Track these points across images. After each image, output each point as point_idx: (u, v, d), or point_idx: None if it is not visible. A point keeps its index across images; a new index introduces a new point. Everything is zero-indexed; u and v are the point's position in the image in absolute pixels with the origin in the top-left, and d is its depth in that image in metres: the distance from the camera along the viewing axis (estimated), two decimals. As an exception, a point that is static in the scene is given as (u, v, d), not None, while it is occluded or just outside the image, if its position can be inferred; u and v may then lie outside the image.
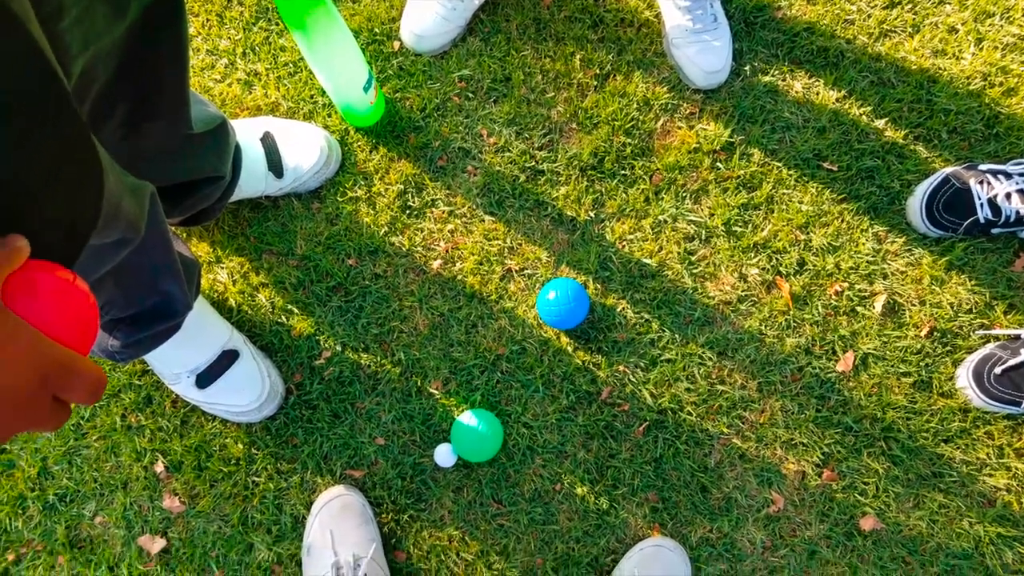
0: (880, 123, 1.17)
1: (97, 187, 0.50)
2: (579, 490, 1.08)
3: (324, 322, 1.14)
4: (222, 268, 1.16)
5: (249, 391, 1.06)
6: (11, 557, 1.10)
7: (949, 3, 1.20)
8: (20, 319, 0.39)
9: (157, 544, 1.08)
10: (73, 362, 0.42)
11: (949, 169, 1.12)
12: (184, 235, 1.16)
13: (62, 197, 0.47)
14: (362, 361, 1.12)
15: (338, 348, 1.13)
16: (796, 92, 1.19)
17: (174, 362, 1.04)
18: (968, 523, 1.05)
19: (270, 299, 1.15)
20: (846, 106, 1.18)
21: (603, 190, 1.16)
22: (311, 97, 1.21)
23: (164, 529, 1.09)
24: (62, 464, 1.12)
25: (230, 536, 1.08)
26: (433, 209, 1.17)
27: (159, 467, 1.10)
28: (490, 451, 1.06)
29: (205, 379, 1.05)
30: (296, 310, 1.14)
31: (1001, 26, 1.19)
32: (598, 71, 1.20)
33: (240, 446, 1.10)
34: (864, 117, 1.17)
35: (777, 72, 1.19)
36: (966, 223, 1.09)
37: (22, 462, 1.12)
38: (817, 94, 1.19)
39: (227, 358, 1.06)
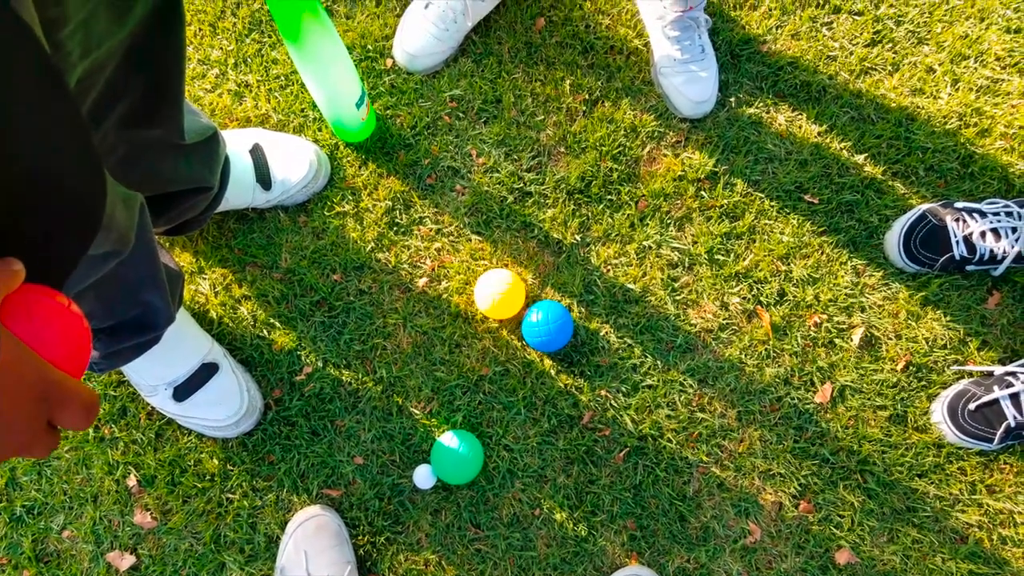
0: (860, 158, 1.20)
1: (100, 196, 0.49)
2: (558, 516, 1.08)
3: (306, 337, 1.13)
4: (204, 279, 1.14)
5: (227, 405, 1.04)
6: (-29, 571, 1.06)
7: (927, 43, 1.24)
8: (19, 341, 0.39)
9: (126, 561, 1.06)
10: (69, 385, 0.41)
11: (926, 206, 1.15)
12: (167, 244, 1.14)
13: (64, 206, 0.46)
14: (343, 378, 1.11)
15: (319, 364, 1.12)
16: (779, 125, 1.21)
17: (151, 374, 1.03)
18: (941, 559, 1.06)
19: (252, 312, 1.13)
20: (827, 140, 1.20)
21: (589, 214, 1.17)
22: (301, 110, 1.21)
23: (134, 545, 1.07)
24: (31, 475, 1.09)
25: (202, 554, 1.06)
26: (420, 227, 1.17)
27: (131, 481, 1.08)
28: (470, 473, 1.05)
29: (183, 392, 1.03)
30: (278, 324, 1.13)
31: (975, 68, 1.22)
32: (587, 96, 1.22)
33: (215, 462, 1.08)
34: (845, 152, 1.20)
35: (761, 104, 1.22)
36: (942, 259, 1.11)
37: (-13, 472, 1.09)
38: (800, 127, 1.21)
39: (206, 371, 1.04)
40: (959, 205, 1.13)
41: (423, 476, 1.06)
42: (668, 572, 1.06)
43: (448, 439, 1.05)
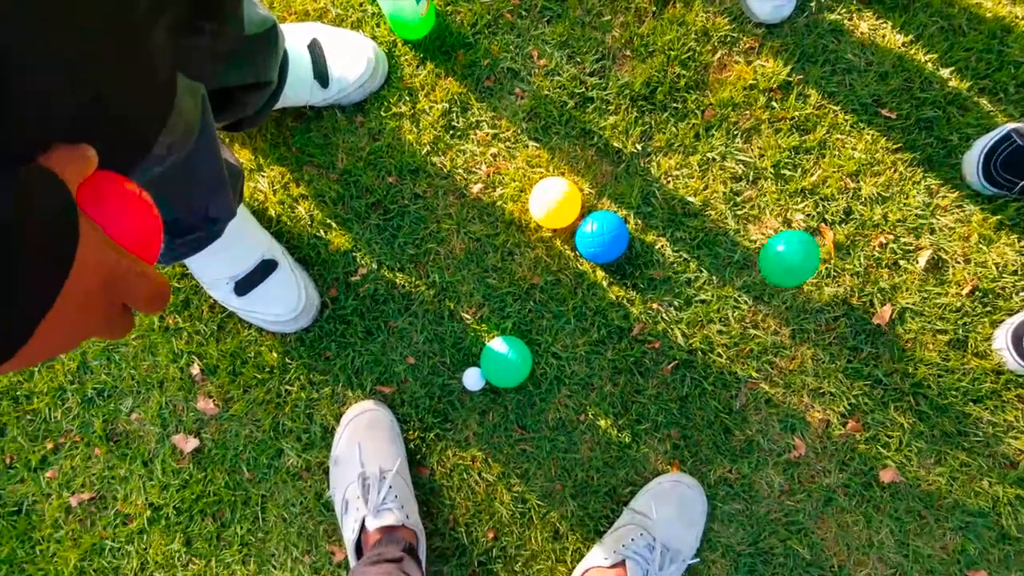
0: (946, 72, 1.12)
1: (164, 86, 0.49)
2: (602, 422, 1.10)
3: (361, 239, 1.13)
4: (263, 177, 1.15)
5: (286, 301, 1.06)
6: (50, 446, 1.13)
7: (1035, -53, 1.14)
8: (95, 224, 0.39)
9: (190, 443, 1.12)
10: (139, 268, 0.42)
11: (1012, 125, 1.08)
12: (227, 140, 1.15)
13: (129, 94, 0.46)
14: (397, 280, 1.13)
15: (374, 266, 1.13)
16: (861, 33, 1.14)
17: (213, 269, 1.05)
18: (988, 483, 1.06)
19: (309, 212, 1.14)
20: (912, 51, 1.13)
21: (652, 122, 1.13)
22: (360, 5, 1.17)
23: (198, 429, 1.13)
24: (101, 360, 1.14)
25: (261, 440, 1.11)
26: (477, 131, 1.15)
27: (195, 369, 1.13)
28: (518, 378, 1.07)
29: (243, 287, 1.06)
30: (335, 225, 1.14)
31: (1087, -25, 1.12)
32: (657, -3, 1.15)
33: (274, 355, 1.12)
34: (930, 64, 1.13)
35: (844, 11, 1.14)
36: (1022, 183, 1.06)
37: (63, 354, 1.14)
38: (883, 37, 1.13)
39: (265, 268, 1.06)
40: (1049, 125, 1.06)
41: (473, 378, 1.09)
42: (710, 481, 1.08)
43: (498, 344, 1.06)
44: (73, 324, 0.39)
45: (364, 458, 1.05)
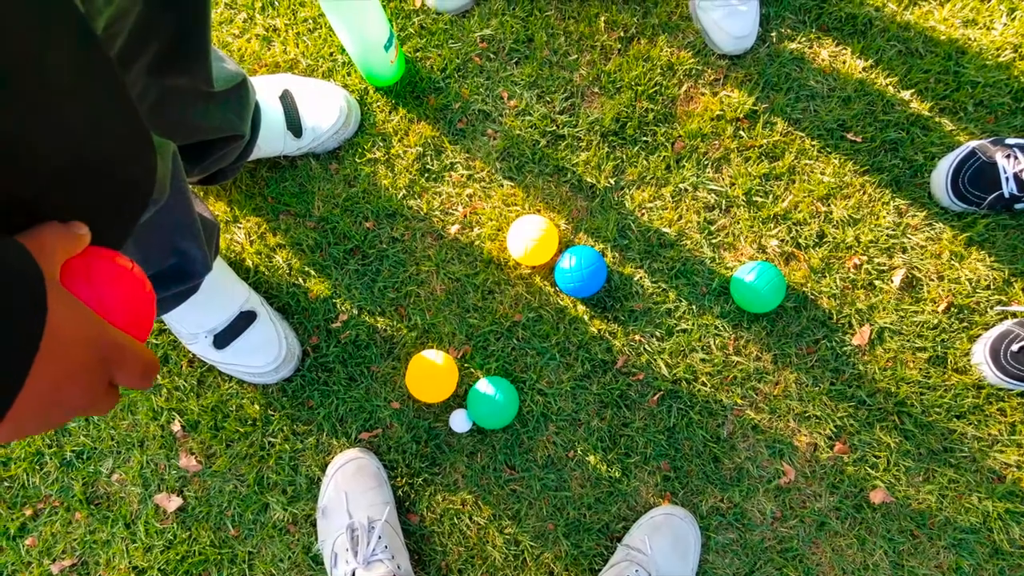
0: (906, 94, 1.15)
1: (151, 165, 0.49)
2: (592, 458, 1.09)
3: (341, 285, 1.13)
4: (239, 228, 1.15)
5: (266, 352, 1.06)
6: (28, 512, 1.11)
7: (982, -29, 1.17)
8: (79, 302, 0.39)
9: (174, 502, 1.09)
10: (129, 346, 0.41)
11: (975, 143, 1.11)
12: (201, 194, 1.15)
13: (117, 178, 0.45)
14: (378, 325, 1.12)
15: (355, 311, 1.12)
16: (822, 60, 1.17)
17: (192, 322, 1.04)
18: (977, 498, 1.06)
19: (287, 260, 1.14)
20: (872, 76, 1.16)
21: (624, 156, 1.15)
22: (330, 54, 1.18)
23: (180, 487, 1.10)
24: (78, 421, 1.12)
25: (246, 496, 1.09)
26: (452, 173, 1.15)
27: (175, 426, 1.11)
28: (506, 419, 1.07)
29: (223, 340, 1.05)
30: (313, 272, 1.14)
31: (1035, -3, 1.16)
32: (622, 33, 1.18)
33: (256, 407, 1.11)
34: (890, 87, 1.15)
35: (804, 39, 1.17)
36: (990, 198, 1.08)
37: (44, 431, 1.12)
38: (844, 63, 1.16)
39: (245, 319, 1.06)
40: (1010, 141, 1.09)
41: (459, 420, 1.08)
42: (702, 511, 1.08)
43: (483, 386, 1.06)
44: (51, 402, 0.38)
45: (352, 508, 1.03)
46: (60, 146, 0.40)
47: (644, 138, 1.15)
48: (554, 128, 1.16)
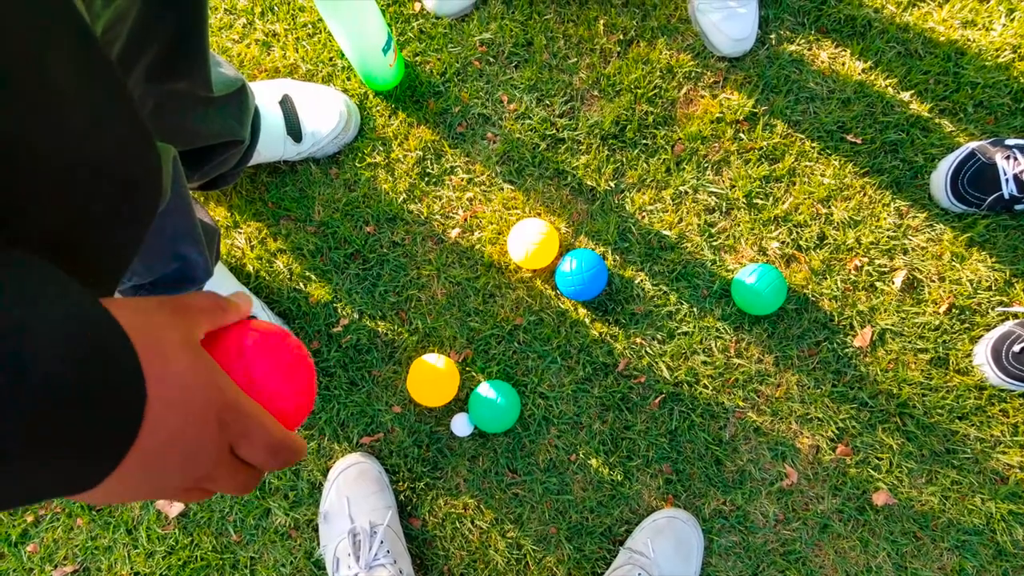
0: (906, 95, 1.15)
1: (156, 171, 0.48)
2: (594, 461, 1.09)
3: (342, 289, 1.13)
4: (240, 233, 1.15)
5: (267, 358, 1.05)
6: (30, 518, 1.11)
7: (981, -27, 1.18)
8: (210, 359, 0.36)
9: (175, 507, 1.09)
10: (254, 413, 0.37)
11: (974, 144, 1.11)
12: (202, 199, 1.15)
13: (123, 186, 0.45)
14: (379, 329, 1.12)
15: (355, 316, 1.12)
16: (822, 62, 1.17)
17: (192, 328, 1.04)
18: (980, 499, 1.06)
19: (288, 265, 1.14)
20: (872, 77, 1.16)
21: (624, 159, 1.15)
22: (330, 59, 1.18)
23: (182, 492, 1.10)
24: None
25: (247, 501, 1.09)
26: (452, 176, 1.16)
27: (177, 431, 1.11)
28: (507, 422, 1.07)
29: (224, 345, 1.05)
30: (314, 277, 1.14)
31: (1033, -3, 1.16)
32: (621, 37, 1.18)
33: (257, 412, 1.10)
34: (890, 89, 1.15)
35: (803, 41, 1.17)
36: (990, 199, 1.08)
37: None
38: (843, 64, 1.16)
39: (245, 325, 1.05)
40: (1010, 142, 1.09)
41: (460, 424, 1.08)
42: (704, 514, 1.08)
43: (485, 390, 1.06)
44: (159, 462, 0.34)
45: (353, 513, 1.03)
46: (60, 146, 0.40)
47: (644, 141, 1.15)
48: (554, 131, 1.16)
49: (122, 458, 0.31)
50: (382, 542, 1.00)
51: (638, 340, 1.11)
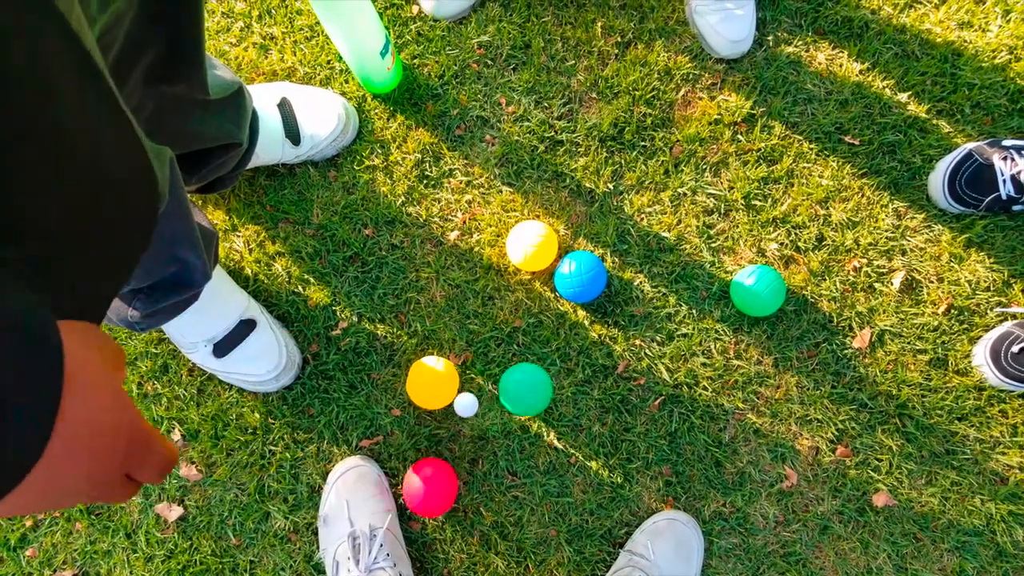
0: (903, 97, 1.15)
1: (153, 185, 0.49)
2: (593, 463, 1.09)
3: (341, 292, 1.13)
4: (238, 236, 1.14)
5: (266, 361, 1.05)
6: (29, 523, 1.10)
7: (978, -26, 1.18)
8: (121, 390, 0.38)
9: (174, 512, 1.09)
10: (156, 443, 0.41)
11: (972, 144, 1.11)
12: (200, 203, 1.15)
13: (121, 203, 0.46)
14: (378, 332, 1.12)
15: (354, 319, 1.12)
16: (819, 63, 1.17)
17: (191, 331, 1.04)
18: (980, 500, 1.06)
19: (286, 268, 1.14)
20: (869, 78, 1.16)
21: (622, 161, 1.15)
22: (328, 62, 1.18)
23: (181, 497, 1.10)
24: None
25: (247, 504, 1.09)
26: (451, 179, 1.16)
27: (176, 435, 1.11)
28: (541, 404, 1.06)
29: (222, 348, 1.05)
30: (312, 280, 1.13)
31: (1030, -1, 1.16)
32: (619, 39, 1.18)
33: (257, 415, 1.10)
34: (887, 90, 1.16)
35: (800, 42, 1.17)
36: (987, 199, 1.08)
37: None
38: (840, 66, 1.17)
39: (244, 327, 1.05)
40: (1007, 143, 1.09)
41: (465, 404, 1.07)
42: (704, 516, 1.07)
43: (517, 371, 1.05)
44: (59, 485, 0.36)
45: (353, 516, 1.03)
46: (67, 171, 0.40)
47: (642, 143, 1.15)
48: (552, 134, 1.16)
49: (26, 475, 0.33)
50: (382, 545, 1.00)
51: (637, 342, 1.11)
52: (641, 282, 1.12)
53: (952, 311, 1.10)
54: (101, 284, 0.47)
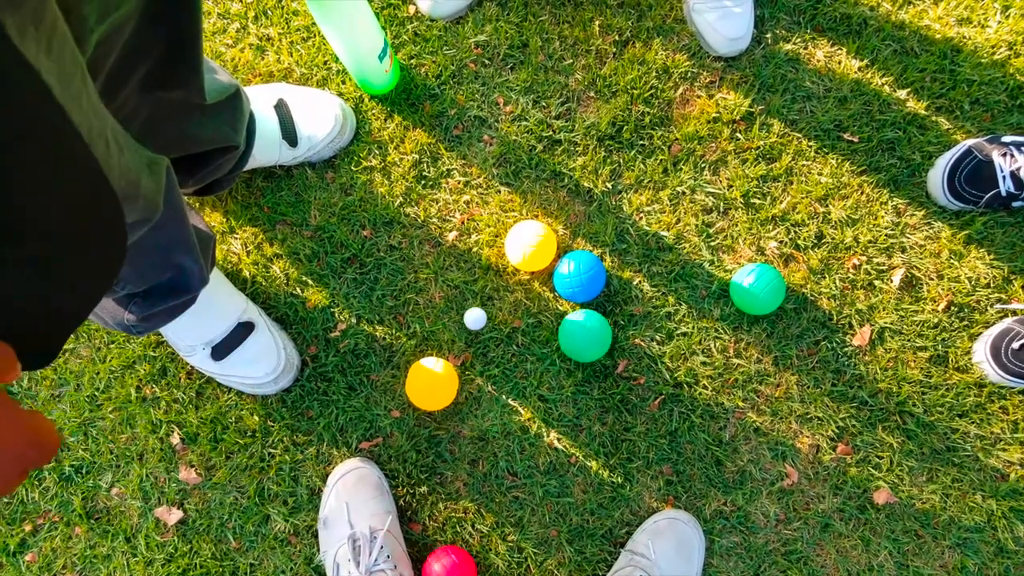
0: (902, 93, 1.15)
1: (120, 235, 0.50)
2: (594, 463, 1.09)
3: (339, 294, 1.13)
4: (236, 239, 1.14)
5: (265, 363, 1.05)
6: (28, 528, 1.10)
7: (976, -31, 1.17)
8: (17, 407, 0.40)
9: (174, 515, 1.09)
10: (47, 443, 0.42)
11: (971, 141, 1.11)
12: (197, 205, 1.14)
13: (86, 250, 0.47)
14: (377, 333, 1.12)
15: (353, 320, 1.12)
16: (818, 61, 1.16)
17: (189, 334, 1.04)
18: (981, 497, 1.06)
19: (284, 270, 1.13)
20: (868, 75, 1.16)
21: (621, 160, 1.15)
22: (324, 63, 1.18)
23: (181, 500, 1.10)
24: (77, 436, 1.11)
25: (246, 507, 1.09)
26: (448, 179, 1.15)
27: (175, 439, 1.10)
28: (599, 351, 1.06)
29: (221, 351, 1.04)
30: (311, 281, 1.13)
31: (1028, -6, 1.16)
32: (617, 37, 1.17)
33: (256, 418, 1.10)
34: (886, 87, 1.15)
35: (799, 40, 1.17)
36: (987, 196, 1.08)
37: None
38: (839, 63, 1.16)
39: (243, 330, 1.05)
40: (1006, 139, 1.09)
41: (474, 317, 1.08)
42: (705, 515, 1.07)
43: (578, 316, 1.06)
44: None
45: (353, 518, 1.02)
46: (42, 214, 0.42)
47: (641, 142, 1.15)
48: (550, 133, 1.15)
49: None
50: (382, 547, 0.99)
51: (637, 341, 1.11)
52: (640, 281, 1.12)
53: (952, 308, 1.10)
54: (101, 284, 0.48)
